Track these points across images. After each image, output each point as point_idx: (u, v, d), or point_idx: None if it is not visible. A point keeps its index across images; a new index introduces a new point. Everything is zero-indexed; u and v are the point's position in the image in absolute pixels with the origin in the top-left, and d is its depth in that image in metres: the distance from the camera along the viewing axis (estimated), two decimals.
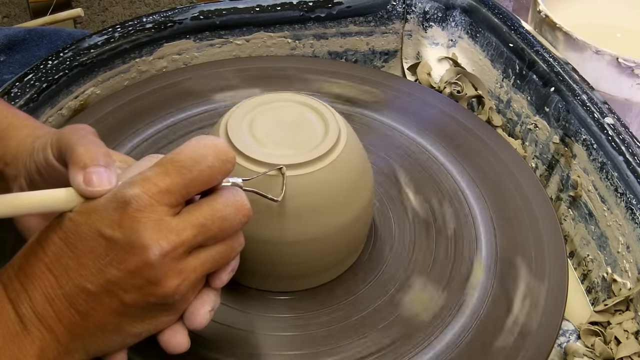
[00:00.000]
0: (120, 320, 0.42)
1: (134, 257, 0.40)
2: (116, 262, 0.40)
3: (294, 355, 0.55)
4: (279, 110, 0.58)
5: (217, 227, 0.42)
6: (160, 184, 0.40)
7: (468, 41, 0.91)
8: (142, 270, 0.40)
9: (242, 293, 0.58)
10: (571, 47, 0.87)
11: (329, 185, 0.54)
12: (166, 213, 0.40)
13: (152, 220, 0.40)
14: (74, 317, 0.41)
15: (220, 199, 0.42)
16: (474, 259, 0.63)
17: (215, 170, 0.42)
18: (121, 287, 0.41)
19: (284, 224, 0.54)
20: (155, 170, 0.41)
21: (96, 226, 0.40)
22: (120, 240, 0.40)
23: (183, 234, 0.41)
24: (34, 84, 0.72)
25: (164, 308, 0.42)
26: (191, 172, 0.41)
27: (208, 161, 0.41)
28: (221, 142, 0.43)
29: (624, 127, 0.71)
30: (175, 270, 0.41)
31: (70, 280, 0.41)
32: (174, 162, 0.41)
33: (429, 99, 0.81)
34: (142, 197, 0.40)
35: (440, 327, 0.57)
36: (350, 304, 0.59)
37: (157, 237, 0.40)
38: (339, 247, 0.58)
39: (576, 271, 0.72)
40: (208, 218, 0.42)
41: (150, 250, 0.40)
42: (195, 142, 0.42)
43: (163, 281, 0.41)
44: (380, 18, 0.91)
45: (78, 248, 0.41)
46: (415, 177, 0.70)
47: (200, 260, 0.42)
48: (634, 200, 0.65)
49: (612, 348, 0.61)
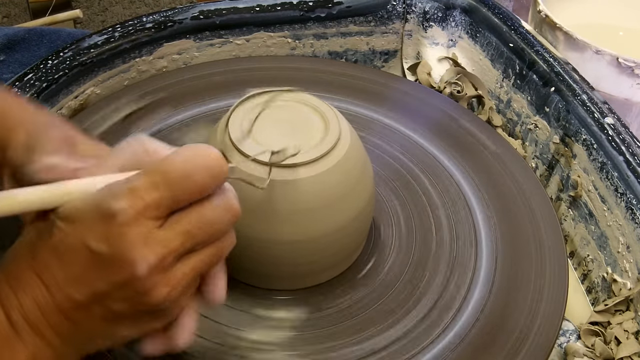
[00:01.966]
0: (112, 327, 0.42)
1: (121, 271, 0.39)
2: (103, 276, 0.39)
3: (295, 355, 0.55)
4: (279, 110, 0.58)
5: (205, 232, 0.41)
6: (148, 198, 0.39)
7: (468, 41, 0.91)
8: (130, 284, 0.39)
9: (242, 292, 0.58)
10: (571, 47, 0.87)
11: (329, 184, 0.54)
12: (153, 225, 0.39)
13: (138, 234, 0.39)
14: (65, 324, 0.41)
15: (208, 204, 0.41)
16: (474, 258, 0.63)
17: (206, 185, 0.40)
18: (110, 298, 0.40)
19: (284, 223, 0.54)
20: (144, 181, 0.39)
21: (83, 238, 0.39)
22: (107, 254, 0.39)
23: (171, 245, 0.40)
24: (34, 83, 0.72)
25: (155, 315, 0.42)
26: (181, 186, 0.40)
27: (200, 176, 0.40)
28: (214, 154, 0.41)
29: (624, 127, 0.71)
30: (164, 279, 0.40)
31: (60, 289, 0.40)
32: (163, 174, 0.39)
33: (429, 99, 0.81)
34: (128, 212, 0.38)
35: (440, 327, 0.57)
36: (351, 303, 0.59)
37: (144, 252, 0.39)
38: (339, 247, 0.58)
39: (576, 271, 0.72)
40: (195, 225, 0.40)
41: (137, 264, 0.39)
42: (188, 153, 0.40)
43: (152, 292, 0.40)
44: (380, 18, 0.91)
45: (66, 259, 0.40)
46: (415, 177, 0.70)
47: (189, 266, 0.41)
48: (634, 200, 0.65)
49: (613, 348, 0.61)
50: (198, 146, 0.41)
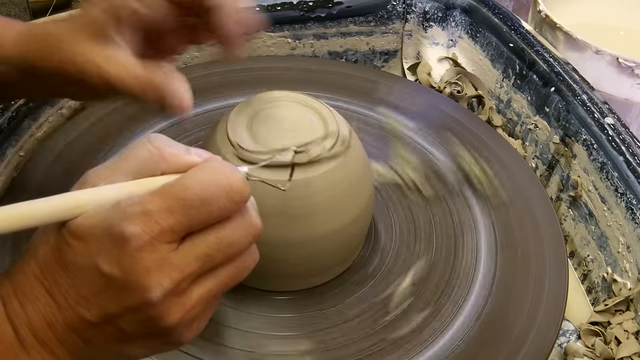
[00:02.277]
0: (123, 346, 0.41)
1: (134, 296, 0.38)
2: (115, 299, 0.38)
3: (295, 355, 0.55)
4: (279, 110, 0.58)
5: (225, 254, 0.39)
6: (163, 223, 0.37)
7: (468, 41, 0.91)
8: (143, 308, 0.38)
9: (242, 293, 0.58)
10: (571, 47, 0.87)
11: (329, 185, 0.54)
12: (168, 250, 0.37)
13: (153, 260, 0.37)
14: (76, 342, 0.40)
15: (228, 225, 0.38)
16: (474, 258, 0.63)
17: (225, 212, 0.38)
18: (122, 320, 0.39)
19: (284, 224, 0.54)
20: (159, 204, 0.37)
21: (94, 259, 0.38)
22: (119, 279, 0.37)
23: (187, 269, 0.38)
24: None
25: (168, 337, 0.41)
26: (199, 213, 0.37)
27: (219, 203, 0.37)
28: (236, 178, 0.38)
29: (624, 127, 0.71)
30: (178, 304, 0.39)
31: (70, 307, 0.39)
32: (180, 199, 0.37)
33: (429, 99, 0.81)
34: (142, 237, 0.36)
35: (440, 327, 0.57)
36: (351, 303, 0.59)
37: (159, 278, 0.37)
38: (339, 247, 0.58)
39: (576, 271, 0.72)
40: (214, 248, 0.38)
41: (151, 291, 0.37)
42: (207, 176, 0.38)
43: (165, 317, 0.38)
44: (380, 18, 0.91)
45: (77, 278, 0.38)
46: (415, 177, 0.70)
47: (206, 288, 0.39)
48: (634, 200, 0.65)
49: (613, 348, 0.61)
50: (219, 166, 0.38)
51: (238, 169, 0.39)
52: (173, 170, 0.39)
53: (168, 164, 0.39)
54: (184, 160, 0.40)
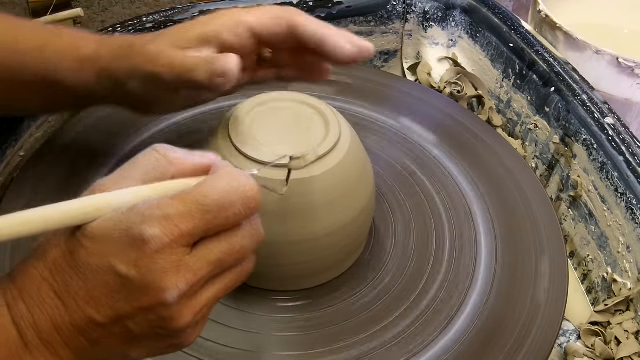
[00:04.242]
0: (128, 347, 0.41)
1: (149, 297, 0.39)
2: (129, 300, 0.39)
3: (296, 355, 0.55)
4: (279, 110, 0.58)
5: (234, 259, 0.41)
6: (183, 227, 0.38)
7: (468, 41, 0.91)
8: (156, 309, 0.39)
9: (243, 293, 0.58)
10: (571, 47, 0.87)
11: (329, 184, 0.54)
12: (184, 253, 0.39)
13: (170, 262, 0.38)
14: (81, 343, 0.40)
15: (239, 233, 0.41)
16: (474, 258, 0.63)
17: (240, 217, 0.40)
18: (132, 320, 0.40)
19: (285, 224, 0.54)
20: (178, 208, 0.38)
21: (110, 260, 0.38)
22: (136, 280, 0.38)
23: (200, 273, 0.39)
24: None
25: (173, 338, 0.42)
26: (216, 218, 0.39)
27: (235, 209, 0.40)
28: (251, 186, 0.40)
29: (624, 127, 0.71)
30: (190, 306, 0.40)
31: (80, 309, 0.39)
32: (199, 205, 0.39)
33: (429, 99, 0.81)
34: (162, 239, 0.38)
35: (440, 327, 0.57)
36: (352, 303, 0.59)
37: (176, 279, 0.38)
38: (339, 247, 0.58)
39: (576, 271, 0.72)
40: (226, 253, 0.40)
41: (167, 292, 0.38)
42: (224, 183, 0.40)
43: (178, 318, 0.40)
44: (380, 18, 0.91)
45: (89, 279, 0.39)
46: (415, 177, 0.70)
47: (213, 292, 0.41)
48: (634, 200, 0.65)
49: (613, 348, 0.61)
50: (236, 176, 0.40)
51: (250, 176, 0.41)
52: (182, 174, 0.41)
53: (176, 168, 0.41)
54: (190, 163, 0.41)
